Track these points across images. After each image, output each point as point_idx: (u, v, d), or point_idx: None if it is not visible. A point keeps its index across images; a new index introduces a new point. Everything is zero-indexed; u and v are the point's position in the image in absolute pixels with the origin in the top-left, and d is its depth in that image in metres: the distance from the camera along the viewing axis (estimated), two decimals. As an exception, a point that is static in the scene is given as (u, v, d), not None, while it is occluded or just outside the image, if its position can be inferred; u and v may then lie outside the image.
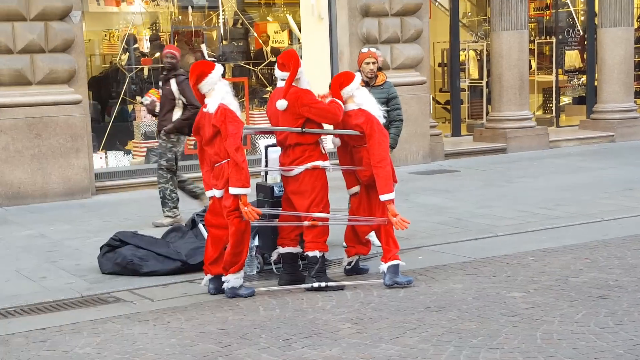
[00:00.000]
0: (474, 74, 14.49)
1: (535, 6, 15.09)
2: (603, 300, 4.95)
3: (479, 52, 14.41)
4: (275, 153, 5.75)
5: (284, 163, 5.50)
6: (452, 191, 9.06)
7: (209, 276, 5.44)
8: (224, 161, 5.23)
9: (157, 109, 7.61)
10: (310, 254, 5.43)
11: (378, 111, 5.55)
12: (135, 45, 12.24)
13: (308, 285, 5.41)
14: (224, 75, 5.43)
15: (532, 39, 14.36)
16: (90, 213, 8.44)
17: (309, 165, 5.39)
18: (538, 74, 14.71)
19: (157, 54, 12.33)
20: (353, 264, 5.81)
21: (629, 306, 4.80)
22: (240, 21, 12.84)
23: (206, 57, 11.60)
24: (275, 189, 5.80)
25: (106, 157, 10.48)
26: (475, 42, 14.51)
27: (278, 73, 5.54)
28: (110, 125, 11.04)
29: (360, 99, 5.56)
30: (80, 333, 4.72)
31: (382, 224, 5.49)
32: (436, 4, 14.27)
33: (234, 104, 5.28)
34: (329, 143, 6.94)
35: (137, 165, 10.55)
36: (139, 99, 7.95)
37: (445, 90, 14.48)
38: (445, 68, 14.71)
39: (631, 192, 8.58)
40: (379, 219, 5.50)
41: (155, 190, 7.85)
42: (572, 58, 14.98)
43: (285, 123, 5.43)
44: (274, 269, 5.77)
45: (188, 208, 7.59)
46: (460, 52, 13.72)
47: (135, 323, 4.87)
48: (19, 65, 9.00)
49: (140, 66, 12.10)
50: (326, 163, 5.46)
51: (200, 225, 6.08)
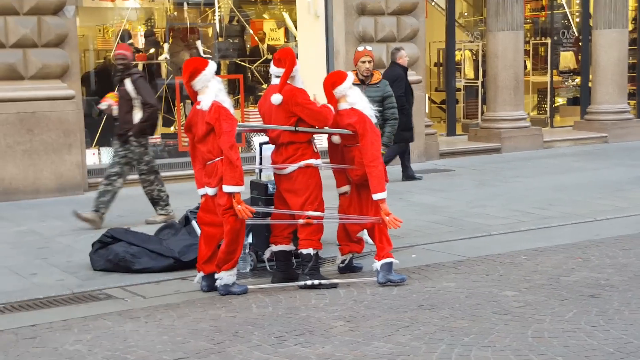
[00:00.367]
0: (470, 74, 14.52)
1: (530, 7, 15.13)
2: (594, 299, 4.97)
3: (474, 52, 14.44)
4: (269, 150, 5.75)
5: (276, 161, 5.49)
6: (447, 190, 9.08)
7: (202, 273, 5.44)
8: (217, 159, 5.21)
9: (114, 113, 7.46)
10: (304, 251, 5.43)
11: (370, 111, 5.56)
12: (130, 41, 12.20)
13: (301, 283, 5.42)
14: (218, 73, 5.43)
15: (528, 39, 14.41)
16: (83, 209, 8.40)
17: (302, 163, 5.39)
18: (533, 75, 14.76)
19: (152, 50, 12.33)
20: (347, 262, 5.82)
21: (620, 305, 4.82)
22: (236, 18, 12.82)
23: (201, 54, 11.59)
24: (270, 187, 5.80)
25: (99, 154, 10.46)
26: (471, 42, 14.53)
27: (273, 69, 5.52)
28: (103, 122, 11.00)
29: (353, 98, 5.57)
30: (71, 330, 4.71)
31: (376, 222, 5.50)
32: (432, 3, 14.29)
33: (227, 102, 5.27)
34: (323, 141, 6.92)
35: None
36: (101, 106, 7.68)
37: (441, 90, 14.50)
38: (441, 68, 14.73)
39: (623, 193, 8.62)
40: (373, 218, 5.51)
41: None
42: (567, 59, 15.03)
43: (278, 120, 5.42)
44: (267, 267, 5.77)
45: (183, 205, 7.57)
46: (456, 52, 13.76)
47: (127, 320, 4.87)
48: (11, 60, 8.97)
49: (135, 62, 12.06)
50: (319, 161, 5.47)
51: (194, 222, 6.07)
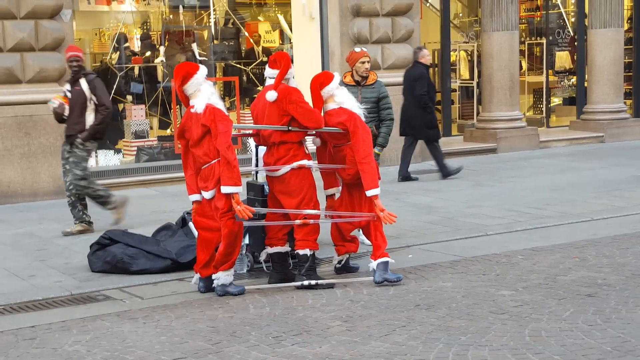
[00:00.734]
0: (465, 74, 14.56)
1: (525, 7, 15.16)
2: (591, 298, 4.98)
3: (469, 53, 14.48)
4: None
5: (268, 162, 5.49)
6: (443, 191, 9.10)
7: (199, 275, 5.45)
8: (214, 161, 5.21)
9: (66, 112, 7.15)
10: (301, 252, 5.44)
11: (358, 109, 5.57)
12: (126, 45, 12.23)
13: (298, 283, 5.43)
14: (214, 75, 5.43)
15: (523, 39, 14.45)
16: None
17: (295, 164, 5.38)
18: (528, 75, 14.80)
19: (148, 53, 12.34)
20: (343, 262, 5.83)
21: (617, 304, 4.84)
22: (231, 21, 12.84)
23: (197, 57, 11.60)
24: (266, 188, 5.81)
25: (96, 156, 10.46)
26: (466, 43, 14.57)
27: (268, 72, 5.56)
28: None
29: (341, 97, 5.59)
30: (70, 331, 4.72)
31: (371, 219, 5.51)
32: (427, 4, 14.32)
33: (220, 104, 5.27)
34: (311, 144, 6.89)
35: (128, 164, 10.55)
36: (55, 102, 7.21)
37: (436, 91, 14.51)
38: (436, 68, 14.75)
39: (620, 192, 8.64)
40: (367, 214, 5.52)
41: (146, 189, 7.86)
42: (563, 59, 15.06)
43: (271, 119, 5.42)
44: (264, 268, 5.79)
45: (179, 207, 7.58)
46: (451, 53, 13.78)
47: (125, 321, 4.88)
48: (8, 64, 8.98)
49: (131, 65, 12.09)
50: (311, 162, 5.47)
51: (191, 224, 6.08)
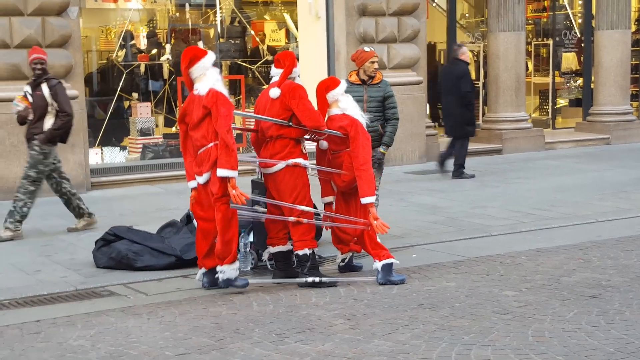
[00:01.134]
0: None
1: (532, 8, 15.14)
2: (595, 299, 4.99)
3: (476, 53, 14.45)
4: None
5: (263, 156, 5.47)
6: (447, 191, 9.10)
7: (203, 270, 5.46)
8: (210, 144, 5.16)
9: (30, 116, 6.98)
10: (300, 252, 5.44)
11: (361, 118, 5.57)
12: (132, 42, 12.27)
13: (302, 280, 5.44)
14: (220, 72, 5.42)
15: (529, 40, 14.42)
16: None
17: (290, 162, 5.37)
18: (535, 76, 14.77)
19: (154, 51, 12.37)
20: (347, 260, 5.85)
21: (621, 306, 4.84)
22: (237, 19, 12.86)
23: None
24: None
25: (102, 153, 10.52)
26: (472, 43, 14.54)
27: (274, 71, 5.58)
28: (106, 122, 11.06)
29: (345, 104, 5.59)
30: (75, 325, 4.74)
31: (364, 229, 5.49)
32: (434, 4, 14.31)
33: (224, 90, 5.22)
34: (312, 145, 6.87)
35: (133, 161, 10.59)
36: (17, 104, 7.03)
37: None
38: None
39: (625, 194, 8.64)
40: (361, 220, 5.50)
41: (151, 186, 7.88)
42: (569, 60, 15.03)
43: (272, 115, 5.41)
44: (268, 265, 5.81)
45: (184, 204, 7.60)
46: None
47: (129, 316, 4.90)
48: (15, 60, 9.01)
49: (137, 63, 12.12)
50: (306, 162, 5.45)
51: (195, 222, 6.10)
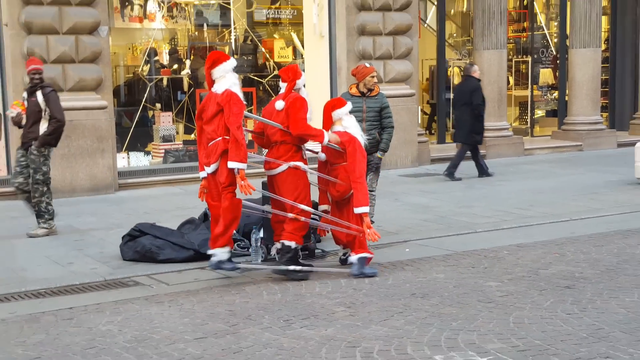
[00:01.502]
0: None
1: (513, 28, 15.11)
2: (569, 290, 4.97)
3: (462, 69, 14.43)
4: None
5: (267, 159, 5.47)
6: (437, 192, 9.08)
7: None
8: (219, 138, 5.14)
9: (24, 121, 6.91)
10: (287, 242, 5.37)
11: (360, 137, 5.54)
12: (156, 58, 12.27)
13: (282, 267, 5.34)
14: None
15: (510, 57, 14.38)
16: (114, 207, 8.46)
17: (292, 164, 5.34)
18: (515, 89, 14.73)
19: (175, 66, 12.37)
20: (347, 255, 5.82)
21: (592, 295, 4.82)
22: (249, 38, 12.86)
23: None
24: None
25: (128, 158, 10.50)
26: (460, 60, 14.53)
27: (282, 84, 5.58)
28: (132, 129, 11.06)
29: (347, 123, 5.56)
30: (103, 312, 4.74)
31: (357, 235, 5.45)
32: (425, 25, 14.30)
33: (239, 92, 5.19)
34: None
35: (156, 165, 10.57)
36: (13, 110, 6.96)
37: (432, 102, 14.50)
38: (432, 82, 14.74)
39: (596, 195, 8.61)
40: (354, 227, 5.45)
41: (172, 187, 7.87)
42: (546, 75, 15.01)
43: (278, 122, 5.40)
44: (277, 258, 5.77)
45: (203, 204, 7.58)
46: (447, 69, 13.76)
47: (153, 304, 4.89)
48: (52, 74, 9.00)
49: (160, 76, 12.13)
50: (306, 167, 5.42)
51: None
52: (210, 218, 6.17)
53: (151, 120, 11.53)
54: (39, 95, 6.84)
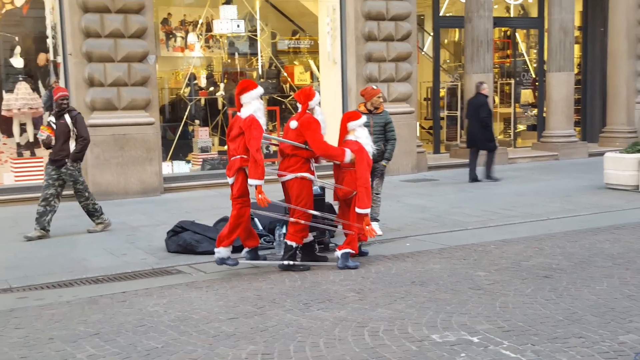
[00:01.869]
0: (451, 106, 14.45)
1: (498, 55, 15.03)
2: (547, 279, 4.93)
3: (454, 90, 14.37)
4: None
5: (281, 168, 5.48)
6: (433, 195, 9.04)
7: (246, 249, 5.46)
8: (238, 156, 5.17)
9: (53, 142, 6.80)
10: (288, 242, 5.38)
11: (370, 148, 5.53)
12: (195, 81, 12.35)
13: (285, 263, 5.36)
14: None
15: (496, 80, 14.32)
16: (160, 207, 8.51)
17: (299, 174, 5.34)
18: (500, 107, 14.65)
19: (212, 88, 12.44)
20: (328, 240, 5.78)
21: (568, 284, 4.78)
22: (274, 64, 12.92)
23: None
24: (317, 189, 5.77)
25: (172, 165, 10.56)
26: (452, 82, 14.48)
27: (298, 104, 5.60)
28: (175, 142, 11.14)
29: (360, 133, 5.54)
30: (151, 296, 4.77)
31: (357, 230, 5.42)
32: (423, 52, 14.28)
33: (262, 119, 5.20)
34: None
35: (195, 171, 10.62)
36: (41, 133, 6.84)
37: (429, 118, 14.46)
38: (428, 101, 14.70)
39: (570, 198, 8.52)
40: (355, 225, 5.42)
41: (209, 191, 7.87)
42: (527, 95, 14.91)
43: (291, 138, 5.43)
44: (297, 252, 5.77)
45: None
46: (441, 89, 13.71)
47: (192, 289, 4.91)
48: (108, 95, 9.12)
49: (198, 97, 12.21)
50: (312, 177, 5.40)
51: (256, 220, 6.09)
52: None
53: (191, 134, 11.60)
54: (67, 118, 6.78)
